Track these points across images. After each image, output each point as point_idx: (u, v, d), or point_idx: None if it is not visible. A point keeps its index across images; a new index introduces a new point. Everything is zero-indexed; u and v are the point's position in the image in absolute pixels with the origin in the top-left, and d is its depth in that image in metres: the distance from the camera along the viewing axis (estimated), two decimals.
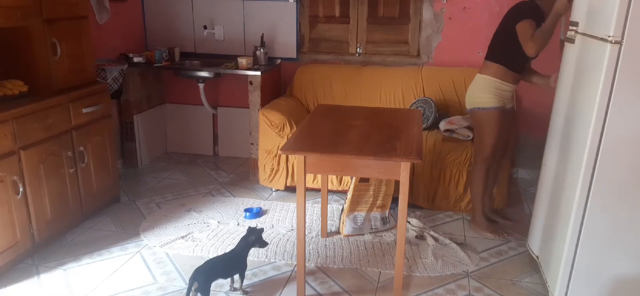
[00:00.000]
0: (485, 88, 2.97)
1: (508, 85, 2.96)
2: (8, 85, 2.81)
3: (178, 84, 4.64)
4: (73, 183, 3.10)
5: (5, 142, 2.60)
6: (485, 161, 3.08)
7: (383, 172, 2.35)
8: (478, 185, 3.14)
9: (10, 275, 2.71)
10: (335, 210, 3.50)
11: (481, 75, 3.01)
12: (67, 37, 3.09)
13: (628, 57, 2.02)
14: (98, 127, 3.30)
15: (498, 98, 2.96)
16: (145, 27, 4.58)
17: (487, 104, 2.97)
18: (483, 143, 3.05)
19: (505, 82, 2.94)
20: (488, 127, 3.00)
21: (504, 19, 2.94)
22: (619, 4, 1.99)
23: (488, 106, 2.97)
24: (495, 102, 2.96)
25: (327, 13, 4.34)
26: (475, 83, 3.04)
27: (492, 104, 2.96)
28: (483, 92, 2.98)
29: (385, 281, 2.73)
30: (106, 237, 3.14)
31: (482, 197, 3.17)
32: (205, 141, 4.73)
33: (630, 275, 2.27)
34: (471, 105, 3.06)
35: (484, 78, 2.98)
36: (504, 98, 2.98)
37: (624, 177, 2.16)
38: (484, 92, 2.97)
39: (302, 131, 2.62)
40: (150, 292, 2.59)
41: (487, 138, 3.02)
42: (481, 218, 3.22)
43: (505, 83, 2.95)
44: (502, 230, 3.24)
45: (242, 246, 2.56)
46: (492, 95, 2.95)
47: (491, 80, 2.95)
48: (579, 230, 2.26)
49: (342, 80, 4.12)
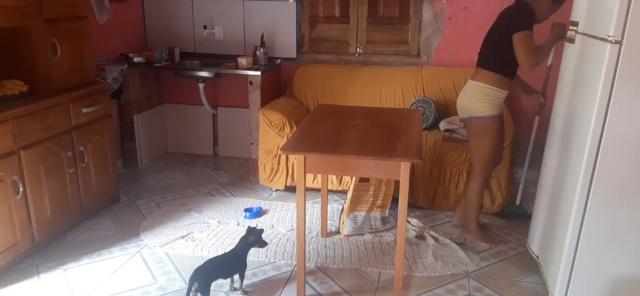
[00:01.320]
0: (481, 97, 2.83)
1: (503, 92, 2.83)
2: (8, 85, 2.81)
3: (178, 84, 4.64)
4: (73, 183, 3.10)
5: (5, 142, 2.60)
6: (484, 171, 2.98)
7: (383, 172, 2.35)
8: (477, 196, 3.04)
9: (10, 275, 2.71)
10: (335, 210, 3.50)
11: (476, 83, 2.85)
12: (67, 37, 3.09)
13: (628, 57, 2.02)
14: (98, 127, 3.30)
15: (494, 106, 2.83)
16: (145, 27, 4.58)
17: (485, 113, 2.83)
18: (482, 153, 2.94)
19: (501, 89, 2.81)
20: (487, 136, 2.88)
21: (497, 24, 2.80)
22: (619, 4, 1.99)
23: (486, 115, 2.84)
24: (493, 110, 2.83)
25: (327, 13, 4.34)
26: (469, 91, 2.89)
27: (490, 112, 2.83)
28: (479, 100, 2.83)
29: (385, 281, 2.73)
30: (106, 237, 3.14)
31: (479, 207, 3.08)
32: (205, 141, 4.73)
33: (630, 275, 2.27)
34: (466, 114, 2.91)
35: (480, 85, 2.83)
36: (499, 105, 2.87)
37: (624, 177, 2.16)
38: (480, 100, 2.83)
39: (302, 131, 2.62)
40: (150, 292, 2.59)
41: (486, 148, 2.91)
42: (476, 228, 3.12)
43: (501, 90, 2.82)
44: (497, 237, 3.19)
45: (241, 246, 2.56)
46: (489, 103, 2.82)
47: (487, 88, 2.81)
48: (579, 230, 2.26)
49: (342, 80, 4.12)
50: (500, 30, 2.76)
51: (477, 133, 2.92)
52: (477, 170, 3.00)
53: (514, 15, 2.70)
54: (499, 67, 2.79)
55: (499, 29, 2.78)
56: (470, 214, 3.12)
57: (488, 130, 2.88)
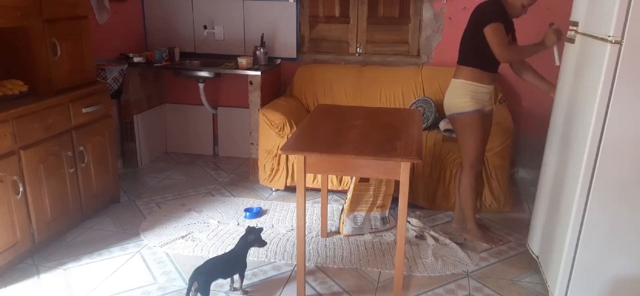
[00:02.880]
0: (462, 93, 2.89)
1: (484, 86, 2.89)
2: (8, 85, 2.81)
3: (178, 84, 4.64)
4: (73, 183, 3.10)
5: (5, 142, 2.60)
6: (472, 167, 3.00)
7: (383, 172, 2.35)
8: (469, 193, 3.04)
9: (10, 275, 2.71)
10: (335, 210, 3.50)
11: (457, 80, 2.93)
12: (67, 37, 3.09)
13: (628, 57, 2.02)
14: (98, 127, 3.30)
15: (476, 101, 2.88)
16: (145, 27, 4.58)
17: (466, 108, 2.89)
18: (467, 149, 2.97)
19: (481, 84, 2.87)
20: (470, 131, 2.92)
21: (469, 21, 2.87)
22: (619, 4, 1.99)
23: (467, 110, 2.89)
24: (473, 105, 2.88)
25: (327, 13, 4.34)
26: (452, 89, 2.96)
27: (470, 108, 2.88)
28: (460, 96, 2.90)
29: (385, 281, 2.73)
30: (106, 237, 3.14)
31: (473, 204, 3.09)
32: (205, 141, 4.73)
33: (630, 275, 2.27)
34: (450, 111, 2.98)
35: (460, 82, 2.91)
36: (482, 100, 2.91)
37: (624, 177, 2.16)
38: (461, 96, 2.89)
39: (302, 131, 2.62)
40: (150, 292, 2.59)
41: (470, 143, 2.95)
42: (474, 227, 3.11)
43: (482, 85, 2.88)
44: (497, 237, 3.18)
45: (241, 246, 2.56)
46: (470, 98, 2.88)
47: (467, 83, 2.88)
48: (579, 230, 2.26)
49: (342, 80, 4.12)
50: (473, 26, 2.85)
51: (462, 129, 2.97)
52: (465, 166, 3.03)
53: (483, 10, 2.79)
54: (475, 61, 2.86)
55: (473, 24, 2.85)
56: (465, 213, 3.13)
57: (471, 125, 2.91)
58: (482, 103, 2.92)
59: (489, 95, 2.95)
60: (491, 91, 2.96)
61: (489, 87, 2.92)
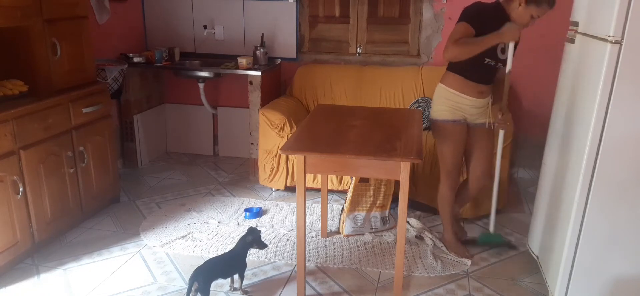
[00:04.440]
0: (439, 99, 2.73)
1: (467, 98, 2.67)
2: (8, 85, 2.81)
3: (178, 84, 4.64)
4: (73, 183, 3.10)
5: (5, 142, 2.60)
6: (447, 176, 2.81)
7: (383, 172, 2.35)
8: (444, 203, 2.88)
9: (10, 274, 2.71)
10: (335, 210, 3.50)
11: (439, 84, 2.76)
12: (67, 37, 3.09)
13: (628, 57, 2.02)
14: (98, 127, 3.30)
15: (453, 110, 2.69)
16: (145, 27, 4.58)
17: (440, 116, 2.72)
18: (441, 157, 2.81)
19: (463, 94, 2.66)
20: (441, 140, 2.77)
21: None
22: (619, 4, 1.99)
23: (440, 118, 2.72)
24: (447, 115, 2.70)
25: (327, 13, 4.34)
26: (435, 92, 2.79)
27: (444, 116, 2.70)
28: (437, 102, 2.75)
29: (385, 281, 2.73)
30: (106, 237, 3.14)
31: (449, 216, 2.91)
32: (205, 141, 4.73)
33: (630, 275, 2.27)
34: (431, 115, 2.83)
35: (441, 87, 2.74)
36: (462, 111, 2.70)
37: (624, 176, 2.16)
38: (438, 102, 2.74)
39: (302, 131, 2.62)
40: (150, 292, 2.59)
41: (444, 151, 2.78)
42: (452, 238, 2.95)
43: (464, 96, 2.66)
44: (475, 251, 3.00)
45: (241, 246, 2.56)
46: (446, 106, 2.70)
47: (447, 90, 2.70)
48: (579, 230, 2.26)
49: (342, 80, 4.12)
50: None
51: (436, 135, 2.83)
52: (441, 175, 2.87)
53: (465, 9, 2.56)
54: (459, 68, 2.66)
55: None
56: (443, 222, 2.99)
57: (445, 134, 2.74)
58: (460, 113, 2.71)
59: (478, 109, 2.72)
60: (480, 105, 2.72)
61: (474, 100, 2.68)
